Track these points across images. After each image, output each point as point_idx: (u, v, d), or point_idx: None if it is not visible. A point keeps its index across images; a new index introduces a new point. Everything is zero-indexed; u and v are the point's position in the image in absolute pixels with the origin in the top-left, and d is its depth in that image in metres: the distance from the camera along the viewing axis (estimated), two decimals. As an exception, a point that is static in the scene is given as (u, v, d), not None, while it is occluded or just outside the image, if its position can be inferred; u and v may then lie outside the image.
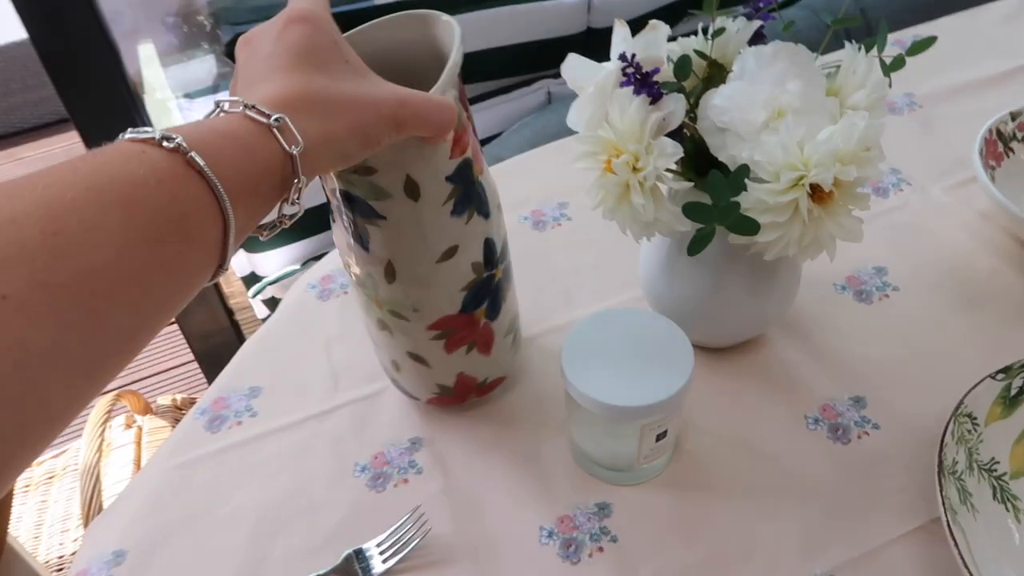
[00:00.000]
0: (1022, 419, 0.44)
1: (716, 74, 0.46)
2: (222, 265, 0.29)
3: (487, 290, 0.46)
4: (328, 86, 0.32)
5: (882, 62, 0.45)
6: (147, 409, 0.99)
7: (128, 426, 0.98)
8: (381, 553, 0.44)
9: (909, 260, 0.60)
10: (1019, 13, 0.86)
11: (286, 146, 0.30)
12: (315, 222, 0.65)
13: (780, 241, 0.42)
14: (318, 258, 0.73)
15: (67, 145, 2.69)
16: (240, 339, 1.11)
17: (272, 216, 0.32)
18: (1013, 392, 0.44)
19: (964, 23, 0.86)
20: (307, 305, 0.62)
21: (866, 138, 0.40)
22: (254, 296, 1.01)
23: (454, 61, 0.38)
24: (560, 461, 0.49)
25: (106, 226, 0.24)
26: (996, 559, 0.39)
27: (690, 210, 0.41)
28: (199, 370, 1.25)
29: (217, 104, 0.31)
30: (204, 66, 1.29)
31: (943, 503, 0.38)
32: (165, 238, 0.26)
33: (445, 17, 0.42)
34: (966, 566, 0.36)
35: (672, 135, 0.43)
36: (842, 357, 0.54)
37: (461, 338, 0.47)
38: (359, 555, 0.44)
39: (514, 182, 0.68)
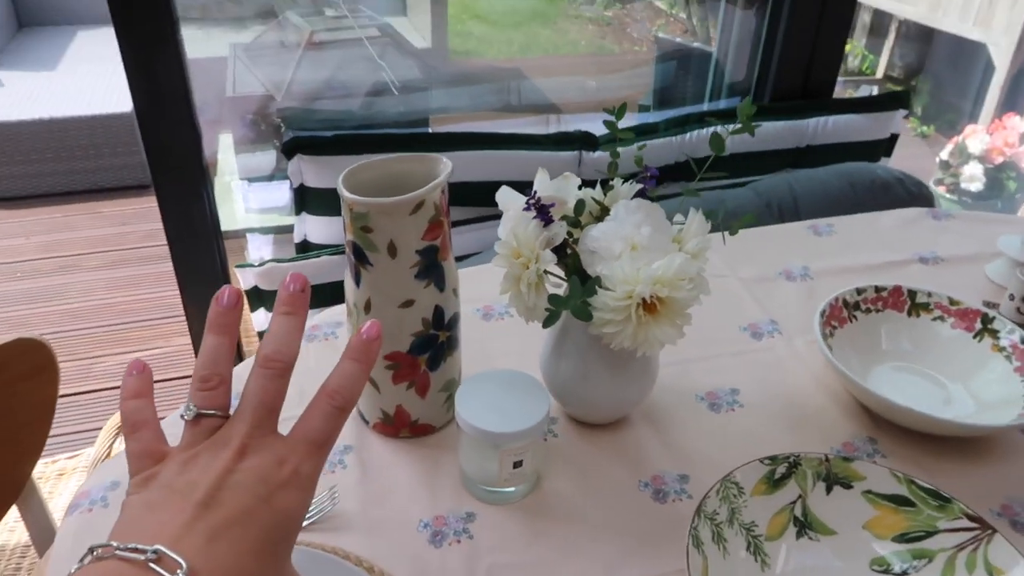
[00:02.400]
0: (780, 499, 0.59)
1: (604, 214, 0.66)
2: None
3: (431, 345, 0.65)
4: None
5: (717, 224, 0.63)
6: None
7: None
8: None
9: (760, 388, 0.76)
10: (915, 221, 1.06)
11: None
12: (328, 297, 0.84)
13: (619, 335, 0.60)
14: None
15: (141, 207, 2.99)
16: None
17: None
18: (776, 476, 0.60)
19: (868, 221, 1.06)
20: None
21: (682, 271, 0.59)
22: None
23: (436, 182, 0.59)
24: (450, 481, 0.65)
25: None
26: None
27: (551, 299, 0.59)
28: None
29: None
30: (266, 158, 1.54)
31: (689, 533, 0.53)
32: None
33: (445, 159, 0.62)
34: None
35: (557, 251, 0.62)
36: (683, 445, 0.69)
37: (405, 374, 0.65)
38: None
39: (477, 283, 0.87)
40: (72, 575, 0.32)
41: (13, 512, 0.96)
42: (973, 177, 2.53)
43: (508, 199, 0.65)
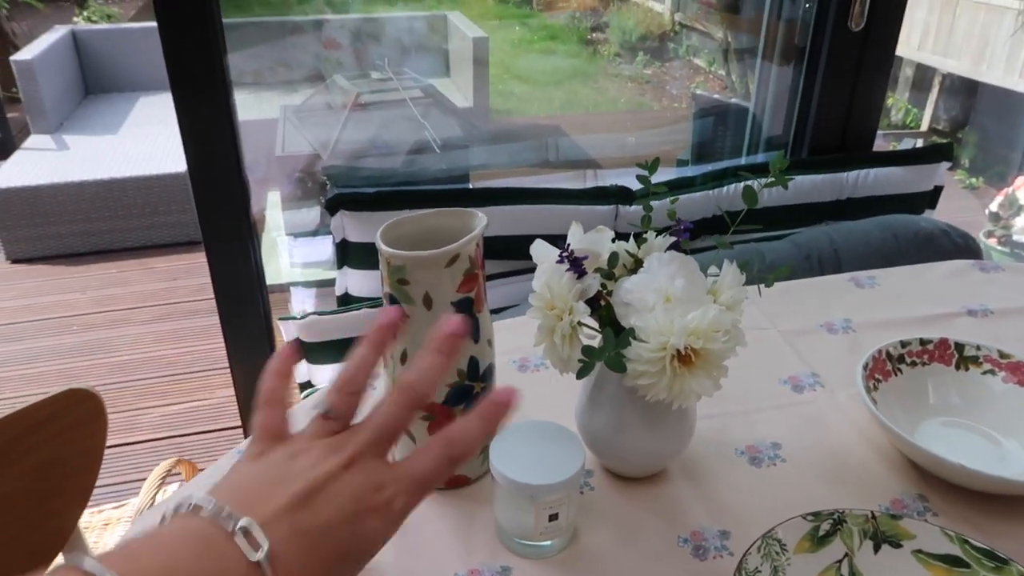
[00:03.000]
0: (826, 557, 0.57)
1: (638, 267, 0.66)
2: None
3: (466, 396, 0.65)
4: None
5: (753, 276, 0.63)
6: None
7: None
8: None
9: (802, 442, 0.75)
10: (960, 274, 1.04)
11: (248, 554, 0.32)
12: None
13: (654, 387, 0.59)
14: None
15: (191, 263, 3.08)
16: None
17: None
18: (821, 534, 0.58)
19: (913, 274, 1.04)
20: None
21: (716, 322, 0.58)
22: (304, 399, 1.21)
23: (471, 236, 0.60)
24: (485, 534, 0.65)
25: None
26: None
27: (585, 351, 0.59)
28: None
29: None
30: (311, 214, 1.59)
31: (731, 590, 0.52)
32: None
33: (480, 214, 0.64)
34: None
35: (590, 302, 0.62)
36: (723, 500, 0.68)
37: (440, 425, 0.65)
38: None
39: (513, 335, 0.87)
40: (160, 525, 0.34)
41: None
42: (1025, 229, 2.48)
43: (542, 252, 0.66)
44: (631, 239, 0.68)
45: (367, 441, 0.39)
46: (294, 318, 1.14)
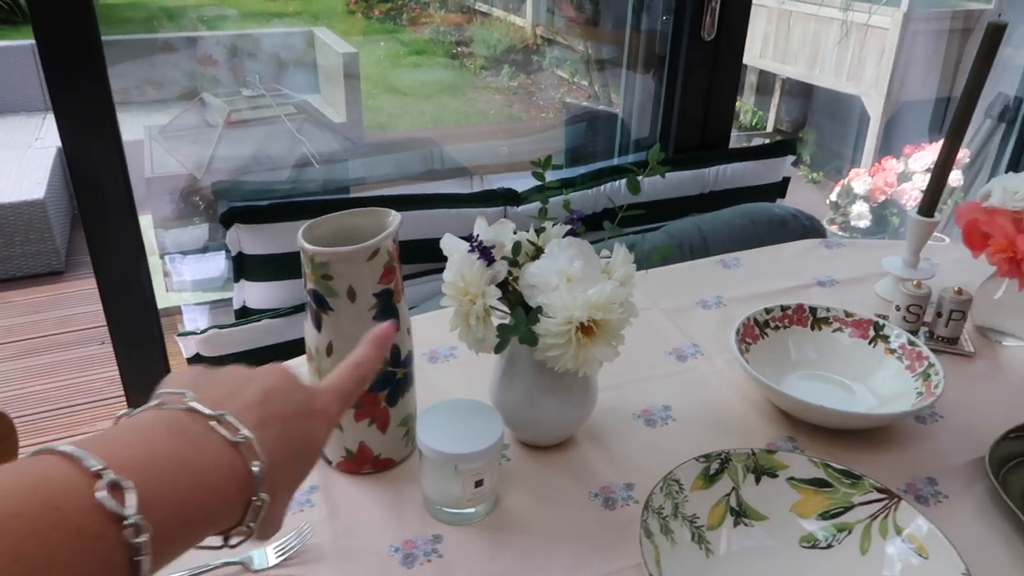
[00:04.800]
0: (717, 492, 0.66)
1: (539, 254, 0.73)
2: None
3: (389, 381, 0.70)
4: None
5: (640, 259, 0.71)
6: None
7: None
8: (276, 552, 0.63)
9: (688, 403, 0.84)
10: (810, 251, 1.18)
11: (248, 464, 0.35)
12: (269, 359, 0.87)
13: (562, 357, 0.66)
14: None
15: (51, 295, 2.91)
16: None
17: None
18: (711, 472, 0.67)
19: (771, 253, 1.17)
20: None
21: (613, 296, 0.66)
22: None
23: (389, 231, 0.65)
24: (415, 509, 0.69)
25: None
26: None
27: (501, 328, 0.65)
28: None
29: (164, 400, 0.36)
30: (197, 232, 1.57)
31: (640, 526, 0.59)
32: None
33: (393, 212, 0.68)
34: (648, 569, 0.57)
35: (500, 287, 0.69)
36: (625, 458, 0.76)
37: (366, 411, 0.70)
38: (265, 554, 0.63)
39: (420, 330, 0.92)
40: (141, 411, 0.35)
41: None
42: (861, 215, 2.76)
43: (452, 245, 0.72)
44: (531, 230, 0.74)
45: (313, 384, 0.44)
46: (194, 333, 1.14)
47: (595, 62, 2.97)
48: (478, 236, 0.69)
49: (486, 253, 0.68)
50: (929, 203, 1.01)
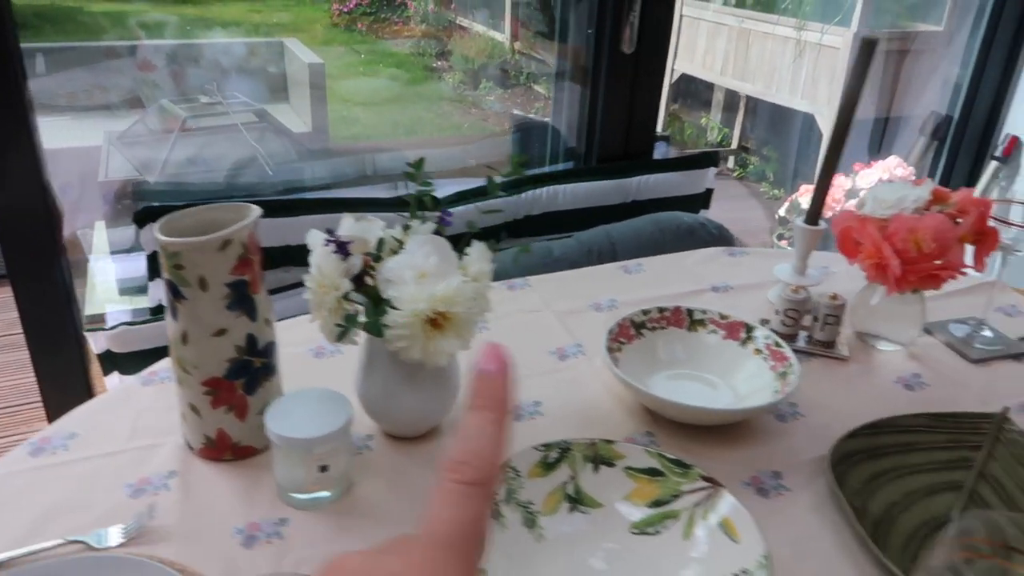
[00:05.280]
0: (555, 479, 0.69)
1: (401, 248, 0.76)
2: None
3: (246, 370, 0.72)
4: None
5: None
6: None
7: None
8: (120, 532, 0.65)
9: (559, 399, 0.87)
10: (713, 258, 1.21)
11: None
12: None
13: (410, 349, 0.69)
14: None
15: None
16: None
17: None
18: (550, 460, 0.69)
19: (675, 260, 1.21)
20: (132, 388, 0.85)
21: (460, 291, 0.69)
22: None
23: (242, 224, 0.67)
24: (268, 494, 0.71)
25: None
26: (511, 558, 0.62)
27: (346, 319, 0.68)
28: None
29: None
30: (127, 233, 1.59)
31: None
32: None
33: (254, 207, 0.71)
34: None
35: (359, 281, 0.71)
36: (486, 450, 0.78)
37: (223, 399, 0.72)
38: (107, 534, 0.65)
39: (311, 328, 0.95)
40: None
41: None
42: (810, 231, 2.80)
43: (316, 240, 0.75)
44: (397, 227, 0.77)
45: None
46: (102, 328, 1.16)
47: (555, 75, 3.03)
48: (334, 231, 0.71)
49: (342, 248, 0.71)
50: (814, 212, 1.04)
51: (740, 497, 0.73)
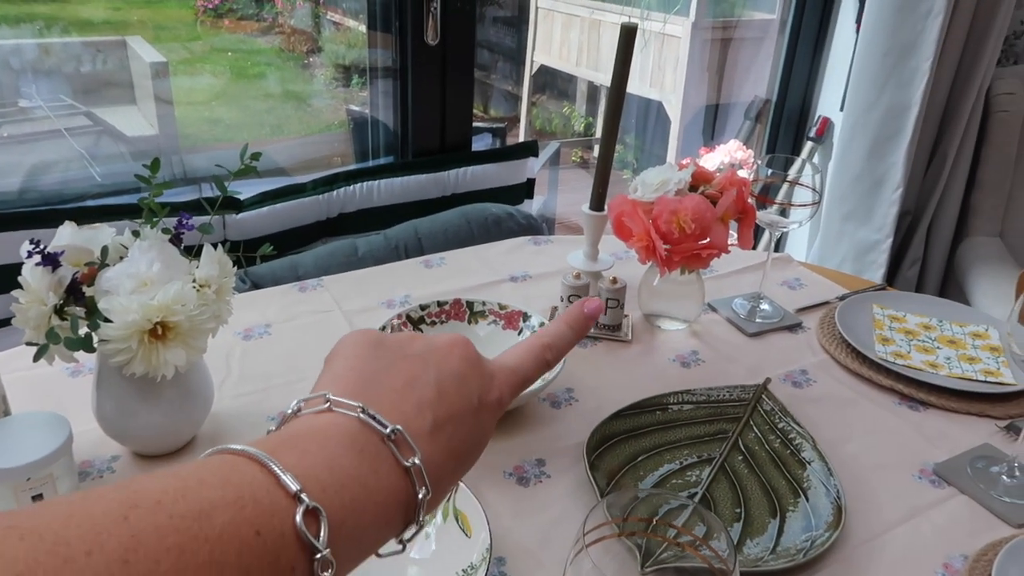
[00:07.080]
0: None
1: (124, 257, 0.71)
2: None
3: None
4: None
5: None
6: None
7: None
8: None
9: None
10: (517, 248, 1.22)
11: (401, 459, 0.31)
12: None
13: (130, 362, 0.65)
14: None
15: None
16: None
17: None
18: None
19: (478, 252, 1.20)
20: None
21: (179, 297, 0.65)
22: None
23: None
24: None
25: None
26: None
27: (48, 334, 0.63)
28: None
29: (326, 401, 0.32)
30: None
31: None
32: None
33: None
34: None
35: (75, 292, 0.66)
36: (242, 462, 0.75)
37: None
38: None
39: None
40: (314, 411, 0.32)
41: None
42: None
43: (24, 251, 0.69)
44: (127, 232, 0.72)
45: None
46: None
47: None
48: (39, 241, 0.66)
49: (49, 259, 0.66)
50: (598, 198, 1.06)
51: (499, 488, 0.73)
